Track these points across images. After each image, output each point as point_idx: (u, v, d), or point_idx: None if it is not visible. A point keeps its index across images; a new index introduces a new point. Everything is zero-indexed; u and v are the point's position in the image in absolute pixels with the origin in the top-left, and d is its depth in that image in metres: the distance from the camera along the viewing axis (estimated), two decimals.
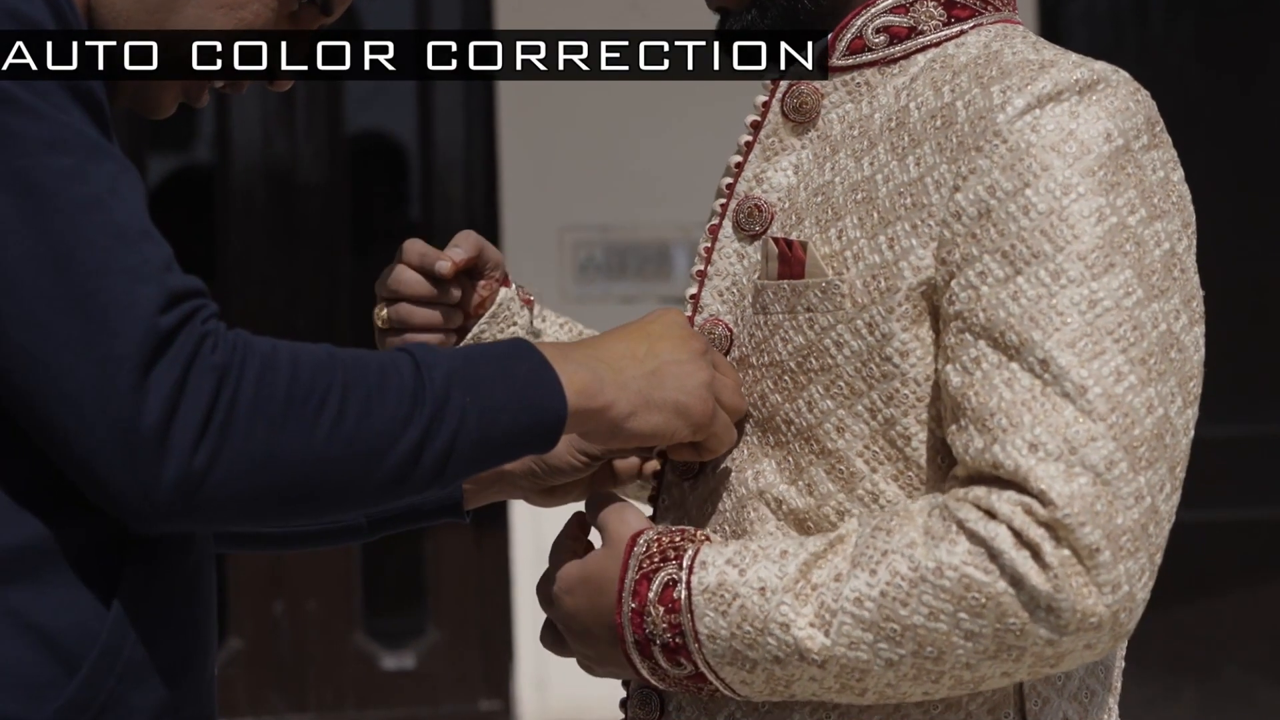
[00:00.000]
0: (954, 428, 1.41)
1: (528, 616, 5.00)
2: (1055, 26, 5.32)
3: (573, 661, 1.53)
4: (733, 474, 1.52)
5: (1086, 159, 1.40)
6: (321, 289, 5.14)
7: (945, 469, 1.44)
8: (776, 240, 1.49)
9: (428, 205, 5.24)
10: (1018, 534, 1.35)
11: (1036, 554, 1.35)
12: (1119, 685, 1.54)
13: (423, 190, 5.26)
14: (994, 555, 1.35)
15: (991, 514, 1.37)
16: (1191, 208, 1.45)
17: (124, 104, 1.50)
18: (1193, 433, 1.42)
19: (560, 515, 1.89)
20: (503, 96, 5.10)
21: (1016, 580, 1.35)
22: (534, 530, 4.91)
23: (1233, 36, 5.39)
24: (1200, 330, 1.44)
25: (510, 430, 1.39)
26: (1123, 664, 1.54)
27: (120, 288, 1.29)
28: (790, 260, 1.48)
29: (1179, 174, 1.45)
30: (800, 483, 1.49)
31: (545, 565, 1.54)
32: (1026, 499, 1.36)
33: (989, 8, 1.53)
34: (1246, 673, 5.36)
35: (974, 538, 1.36)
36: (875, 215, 1.46)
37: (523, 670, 5.05)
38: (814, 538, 1.43)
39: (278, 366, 1.32)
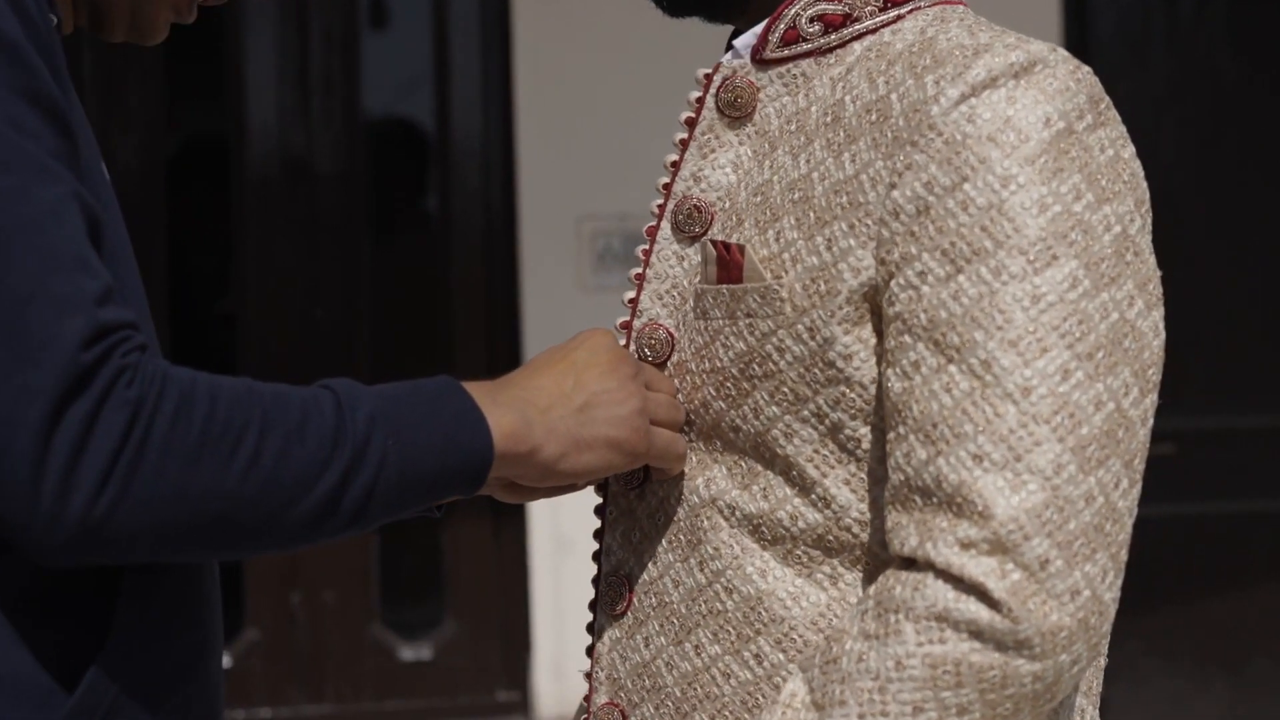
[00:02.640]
0: (893, 435, 1.36)
1: (546, 607, 4.98)
2: (1081, 12, 5.29)
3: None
4: (683, 483, 1.48)
5: (1025, 147, 1.34)
6: (339, 279, 5.12)
7: None
8: (715, 244, 1.44)
9: (445, 194, 5.22)
10: (957, 580, 1.30)
11: (983, 594, 1.29)
12: (1098, 687, 1.48)
13: (441, 179, 5.24)
14: (941, 619, 1.30)
15: (928, 566, 1.31)
16: (1145, 185, 1.39)
17: (120, 37, 1.48)
18: (1152, 421, 1.37)
19: (576, 506, 1.85)
20: (521, 85, 5.08)
21: (975, 631, 1.30)
22: (552, 522, 4.88)
23: (1265, 22, 5.34)
24: (1159, 314, 1.37)
25: (433, 474, 1.36)
26: (1104, 660, 1.47)
27: (46, 318, 1.25)
28: (729, 264, 1.43)
29: (1130, 150, 1.39)
30: (754, 487, 1.44)
31: (562, 557, 1.51)
32: (963, 528, 1.30)
33: None
34: (1277, 665, 5.34)
35: (913, 614, 1.31)
36: (812, 215, 1.40)
37: (540, 661, 5.04)
38: (765, 710, 1.38)
39: (194, 402, 1.28)
